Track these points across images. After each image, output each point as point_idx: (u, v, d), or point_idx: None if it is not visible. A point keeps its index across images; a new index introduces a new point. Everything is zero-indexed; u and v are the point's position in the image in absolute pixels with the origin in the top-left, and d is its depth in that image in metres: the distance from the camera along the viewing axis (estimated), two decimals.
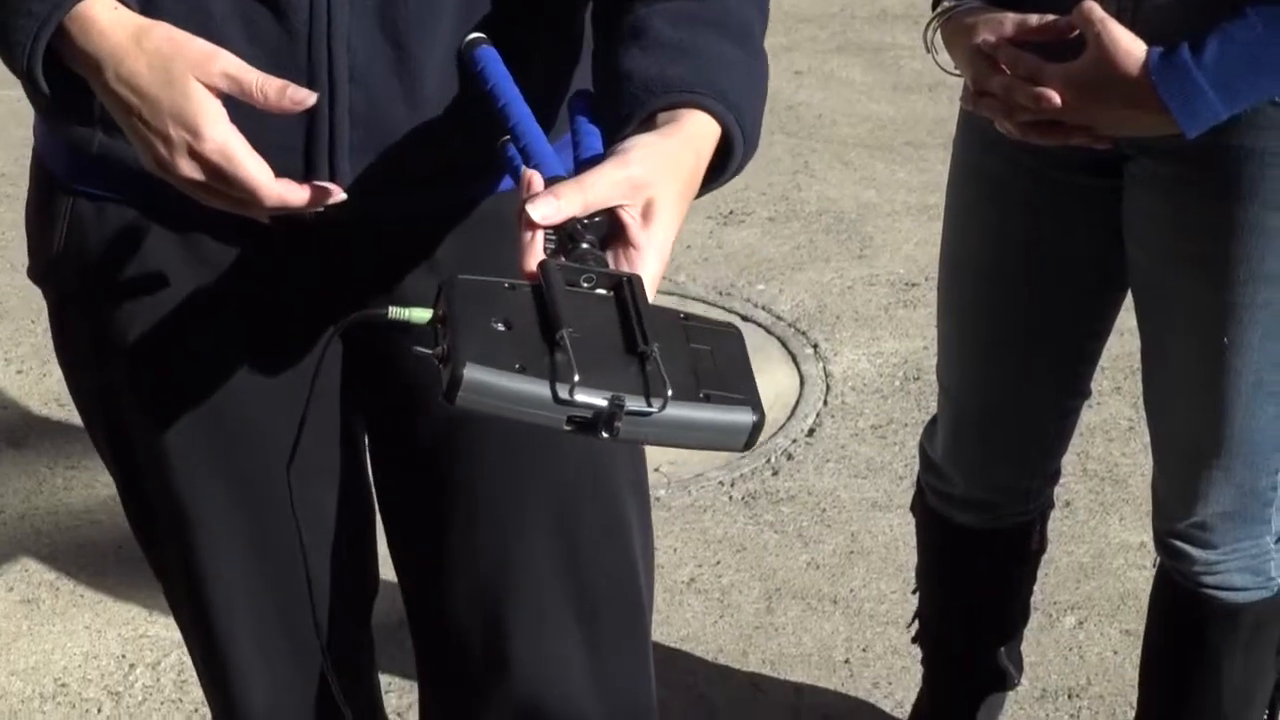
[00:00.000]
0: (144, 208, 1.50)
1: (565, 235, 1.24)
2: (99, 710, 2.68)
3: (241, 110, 1.34)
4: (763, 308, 3.82)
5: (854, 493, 3.15)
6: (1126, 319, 2.14)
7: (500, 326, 1.17)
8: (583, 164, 1.32)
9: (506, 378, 1.14)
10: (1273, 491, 1.99)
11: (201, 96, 1.32)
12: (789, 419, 3.39)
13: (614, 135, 1.34)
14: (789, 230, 4.18)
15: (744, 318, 3.78)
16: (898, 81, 5.12)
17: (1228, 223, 1.82)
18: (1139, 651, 2.28)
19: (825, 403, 3.44)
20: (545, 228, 1.23)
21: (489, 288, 1.20)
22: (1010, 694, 2.58)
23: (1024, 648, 2.55)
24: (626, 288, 1.21)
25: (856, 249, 4.04)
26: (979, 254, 2.08)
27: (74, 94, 1.38)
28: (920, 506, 2.36)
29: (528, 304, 1.19)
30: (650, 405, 1.15)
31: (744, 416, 1.18)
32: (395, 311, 1.23)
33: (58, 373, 3.46)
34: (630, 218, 1.27)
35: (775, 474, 3.20)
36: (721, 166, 1.37)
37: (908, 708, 2.58)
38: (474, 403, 1.14)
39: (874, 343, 3.63)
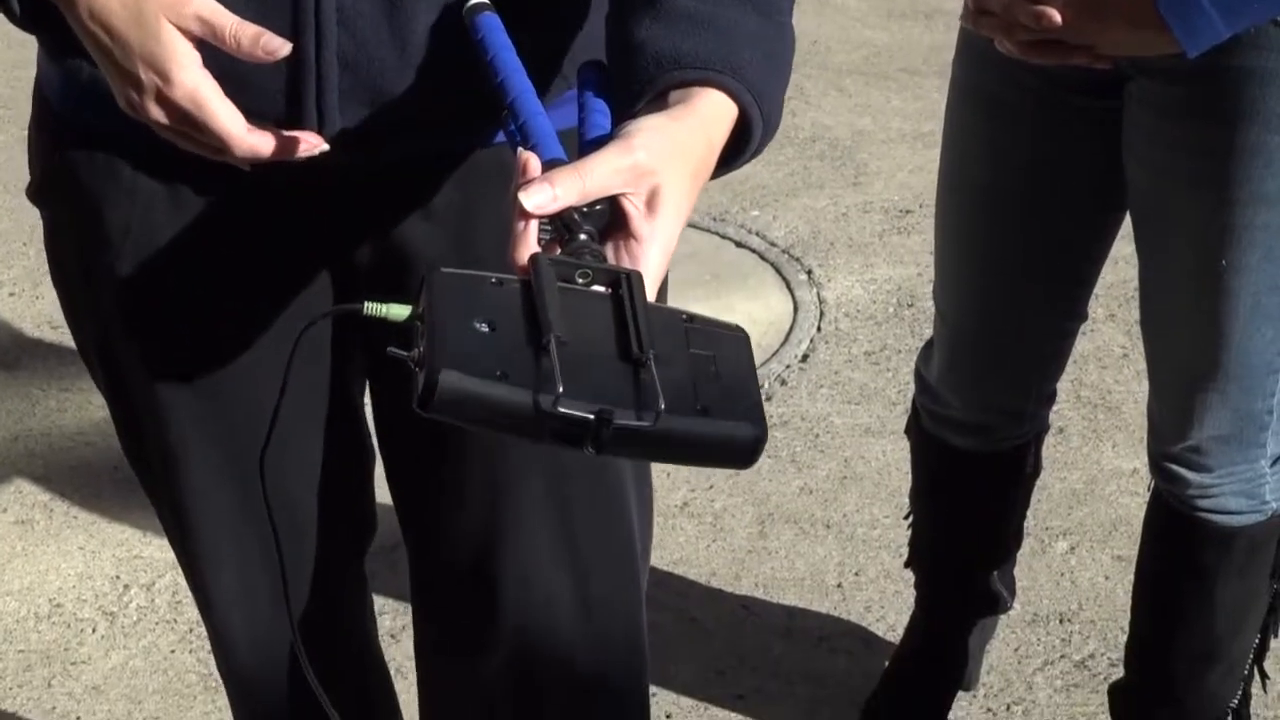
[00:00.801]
0: (130, 144, 1.46)
1: (561, 225, 1.15)
2: (94, 630, 2.69)
3: (224, 51, 1.30)
4: (757, 234, 3.81)
5: (847, 418, 3.16)
6: (1121, 247, 2.13)
7: (483, 327, 1.07)
8: (587, 144, 1.23)
9: (486, 386, 1.05)
10: (1268, 415, 1.99)
11: (172, 39, 1.28)
12: (782, 345, 3.39)
13: (623, 112, 1.25)
14: (783, 157, 4.16)
15: (738, 244, 3.77)
16: (893, 8, 5.09)
17: (1228, 144, 1.82)
18: (1131, 577, 2.29)
19: (819, 329, 3.44)
20: (539, 217, 1.15)
21: (473, 283, 1.11)
22: (1002, 618, 2.60)
23: (1016, 573, 2.56)
24: (625, 285, 1.12)
25: (851, 176, 4.03)
26: (977, 175, 2.07)
27: (64, 22, 1.34)
28: (915, 429, 2.36)
29: (515, 302, 1.10)
30: (641, 420, 1.05)
31: (744, 431, 1.08)
32: (371, 307, 1.14)
33: (51, 295, 3.47)
34: (633, 207, 1.18)
35: (769, 399, 3.20)
36: (738, 148, 1.28)
37: (900, 631, 2.59)
38: (451, 411, 1.05)
39: (868, 269, 3.63)
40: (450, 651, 1.73)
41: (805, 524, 2.89)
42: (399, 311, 1.13)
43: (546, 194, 1.14)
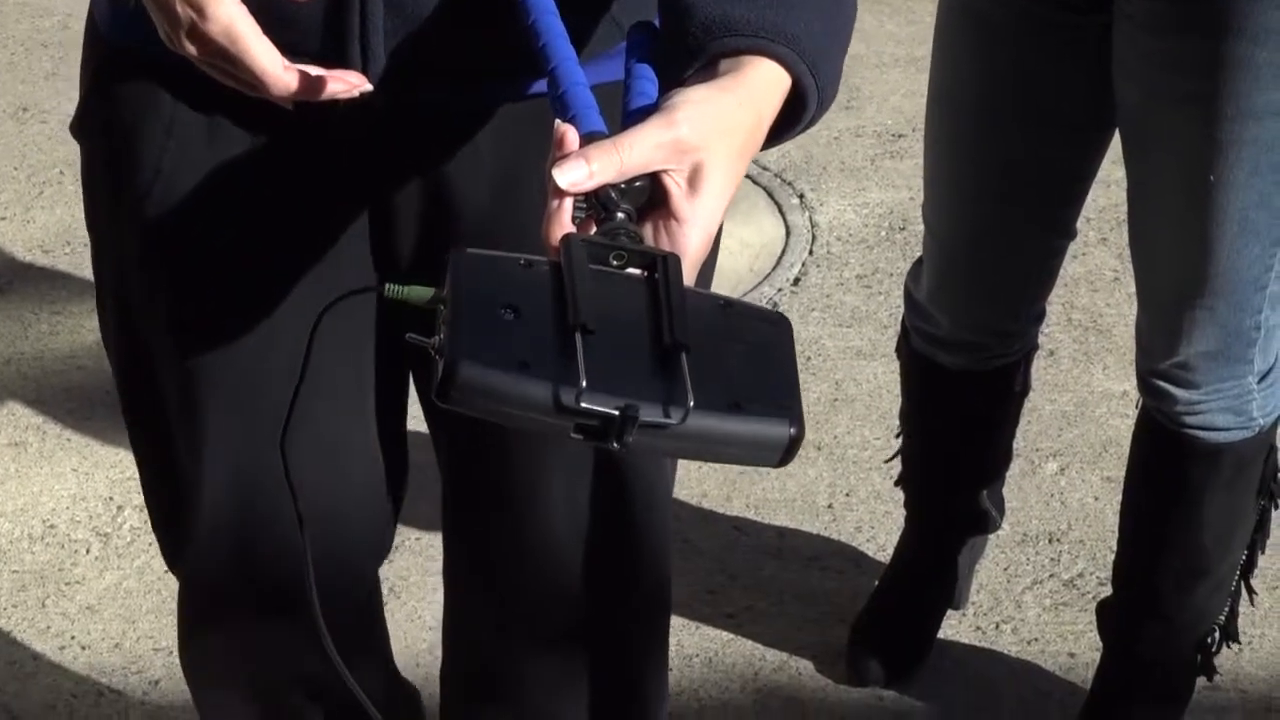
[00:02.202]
0: (172, 74, 1.42)
1: (597, 203, 1.09)
2: (87, 551, 2.70)
3: None
4: None
5: (839, 341, 3.16)
6: (1114, 170, 2.13)
7: (508, 314, 1.02)
8: (631, 115, 1.16)
9: (505, 377, 0.99)
10: (1256, 331, 2.00)
11: None
12: (774, 268, 3.39)
13: (670, 80, 1.18)
14: None
15: None
16: None
17: (1216, 58, 1.81)
18: (1120, 498, 2.30)
19: (811, 252, 3.44)
20: (574, 195, 1.09)
21: (501, 265, 1.05)
22: (991, 538, 2.61)
23: (1006, 493, 2.57)
24: (661, 269, 1.06)
25: (844, 100, 4.01)
26: (966, 92, 2.07)
27: None
28: (905, 348, 2.37)
29: (543, 286, 1.03)
30: (669, 417, 0.99)
31: (779, 430, 1.02)
32: (392, 289, 1.09)
33: (42, 219, 3.49)
34: (675, 185, 1.11)
35: None
36: (791, 120, 1.20)
37: (889, 551, 2.60)
38: (469, 404, 1.00)
39: (860, 193, 3.63)
40: (480, 571, 1.73)
41: None
42: (421, 293, 1.08)
43: (582, 171, 1.09)
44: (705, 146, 1.12)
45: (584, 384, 0.98)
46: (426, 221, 1.49)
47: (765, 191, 3.65)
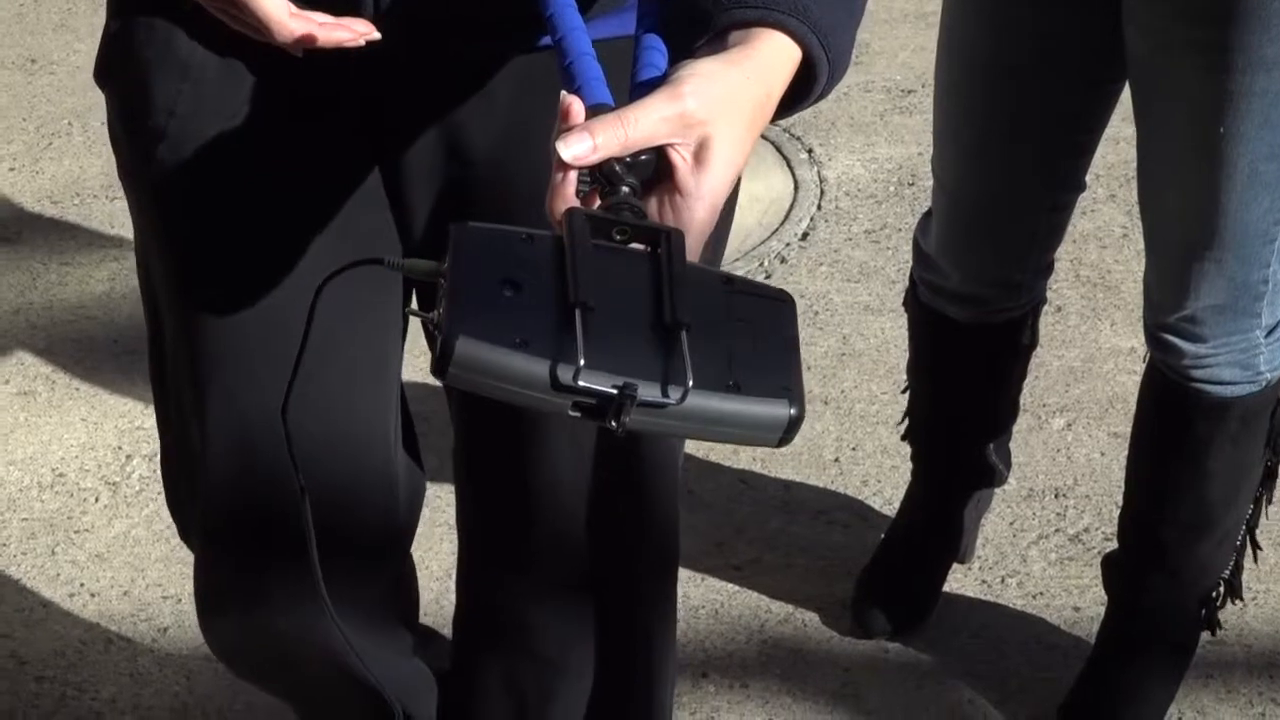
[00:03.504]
0: (188, 19, 1.43)
1: (602, 177, 1.09)
2: (96, 499, 2.71)
3: None
4: None
5: (846, 296, 3.16)
6: (1123, 128, 2.13)
7: (508, 290, 1.01)
8: (639, 86, 1.15)
9: (503, 354, 0.99)
10: (1264, 285, 2.00)
11: None
12: (783, 223, 3.39)
13: (680, 52, 1.17)
14: None
15: None
16: None
17: (1226, 8, 1.81)
18: (1126, 454, 2.31)
19: (819, 207, 3.43)
20: (579, 168, 1.08)
21: (503, 239, 1.04)
22: (998, 493, 2.62)
23: (1013, 448, 2.57)
24: (664, 245, 1.05)
25: (853, 55, 4.01)
26: (976, 40, 2.06)
27: None
28: (913, 301, 2.37)
29: (546, 261, 1.03)
30: (667, 396, 0.99)
31: (779, 410, 1.02)
32: (393, 261, 1.10)
33: (51, 170, 3.50)
34: (681, 159, 1.11)
35: (768, 277, 3.20)
36: (802, 91, 1.19)
37: (895, 506, 2.61)
38: (467, 381, 1.00)
39: (869, 148, 3.62)
40: (490, 518, 1.73)
41: None
42: (422, 266, 1.07)
43: (586, 144, 1.08)
44: (712, 120, 1.11)
45: (582, 362, 0.98)
46: (440, 176, 1.49)
47: (774, 146, 3.65)
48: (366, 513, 1.61)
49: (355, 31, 1.32)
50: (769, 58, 1.15)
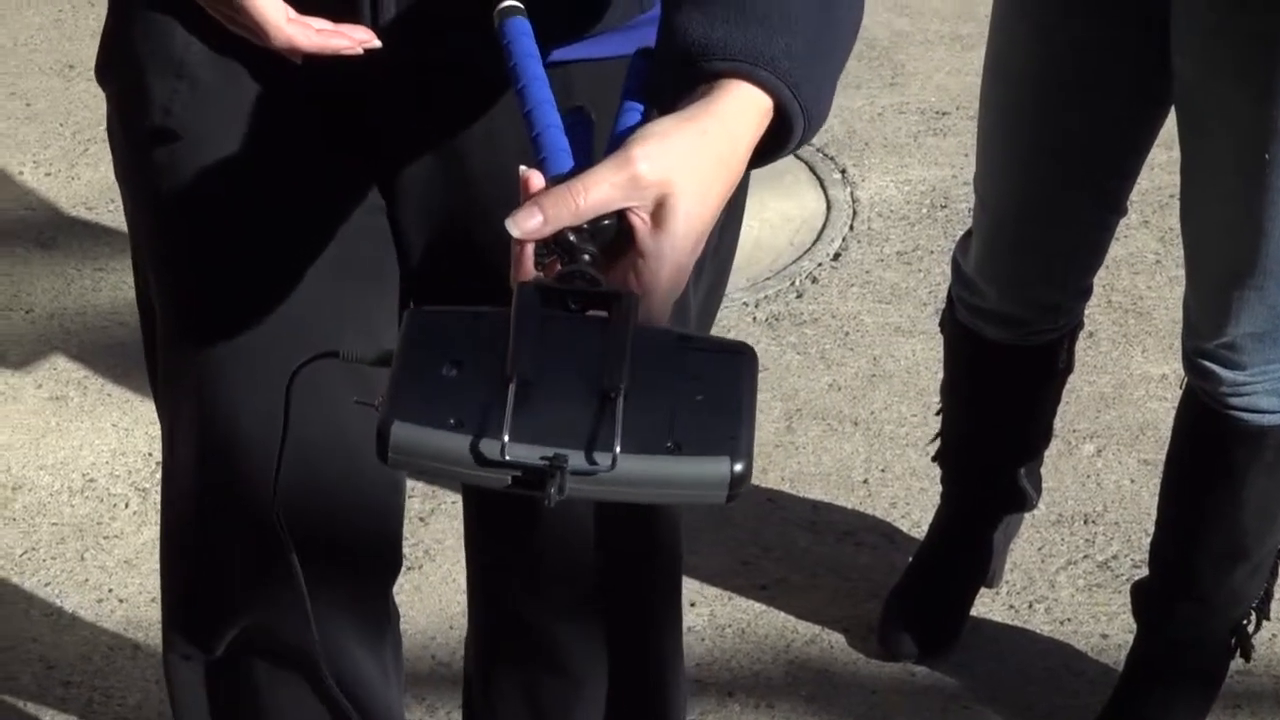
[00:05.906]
0: (185, 18, 1.43)
1: (558, 247, 1.09)
2: (126, 505, 2.72)
3: None
4: None
5: (877, 317, 3.16)
6: (1158, 153, 2.13)
7: (450, 370, 1.02)
8: (615, 139, 1.16)
9: (436, 435, 1.00)
10: None
11: None
12: (815, 243, 3.39)
13: (665, 106, 1.17)
14: None
15: None
16: None
17: (1273, 34, 1.81)
18: (1156, 480, 2.30)
19: (851, 228, 3.43)
20: (531, 241, 1.09)
21: (450, 320, 1.06)
22: (1027, 518, 2.61)
23: (1043, 473, 2.57)
24: (615, 311, 1.05)
25: (888, 76, 4.01)
26: (1023, 60, 2.06)
27: None
28: (950, 321, 2.36)
29: (491, 338, 1.03)
30: (594, 462, 0.99)
31: (719, 468, 1.00)
32: (348, 352, 1.13)
33: (86, 175, 3.51)
34: (640, 221, 1.10)
35: (799, 296, 3.20)
36: (781, 138, 1.18)
37: (924, 529, 2.60)
38: (407, 464, 1.01)
39: (902, 170, 3.62)
40: (495, 531, 1.73)
41: (833, 420, 2.90)
42: (373, 356, 1.10)
43: (536, 219, 1.08)
44: (669, 179, 1.10)
45: (506, 437, 0.98)
46: (437, 189, 1.48)
47: (807, 166, 3.65)
48: (367, 513, 1.62)
49: (354, 39, 1.31)
50: (732, 109, 1.15)
